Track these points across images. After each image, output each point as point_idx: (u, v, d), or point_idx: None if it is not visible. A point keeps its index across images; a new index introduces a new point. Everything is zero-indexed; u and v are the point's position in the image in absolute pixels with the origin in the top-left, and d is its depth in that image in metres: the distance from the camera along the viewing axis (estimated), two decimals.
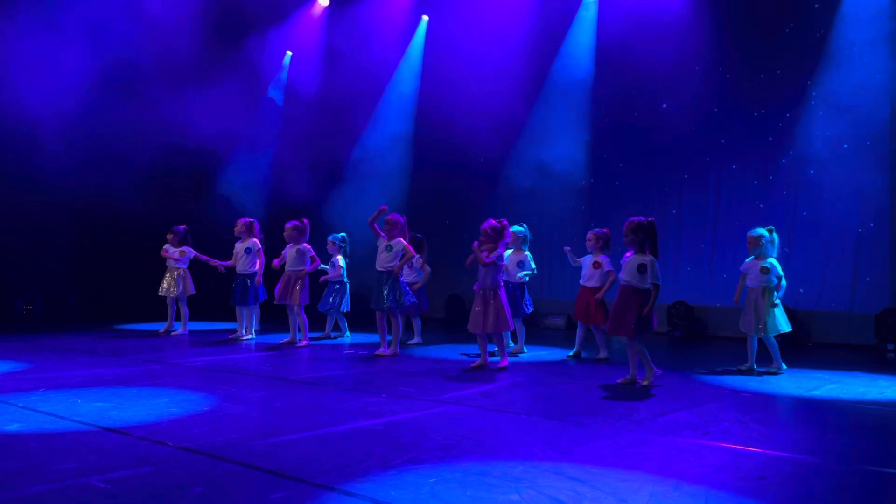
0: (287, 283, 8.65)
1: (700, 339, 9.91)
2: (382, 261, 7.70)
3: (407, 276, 8.64)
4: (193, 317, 10.42)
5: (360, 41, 12.55)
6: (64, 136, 11.69)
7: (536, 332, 10.48)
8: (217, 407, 5.03)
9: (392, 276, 7.64)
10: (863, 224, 9.10)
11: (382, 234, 7.74)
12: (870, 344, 8.75)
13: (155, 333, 9.81)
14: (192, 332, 9.87)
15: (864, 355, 8.18)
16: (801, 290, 9.47)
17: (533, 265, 8.08)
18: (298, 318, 8.64)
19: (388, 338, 7.87)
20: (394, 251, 7.65)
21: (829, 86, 9.29)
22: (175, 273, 9.69)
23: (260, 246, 9.13)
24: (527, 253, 8.09)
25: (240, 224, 9.20)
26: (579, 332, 7.89)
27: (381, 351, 7.81)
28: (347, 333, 9.67)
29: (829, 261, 9.30)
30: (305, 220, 8.79)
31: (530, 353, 8.10)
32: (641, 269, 5.88)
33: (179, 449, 3.89)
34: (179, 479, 3.39)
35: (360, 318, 10.66)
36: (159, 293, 9.76)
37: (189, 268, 9.83)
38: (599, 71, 11.24)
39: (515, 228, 7.98)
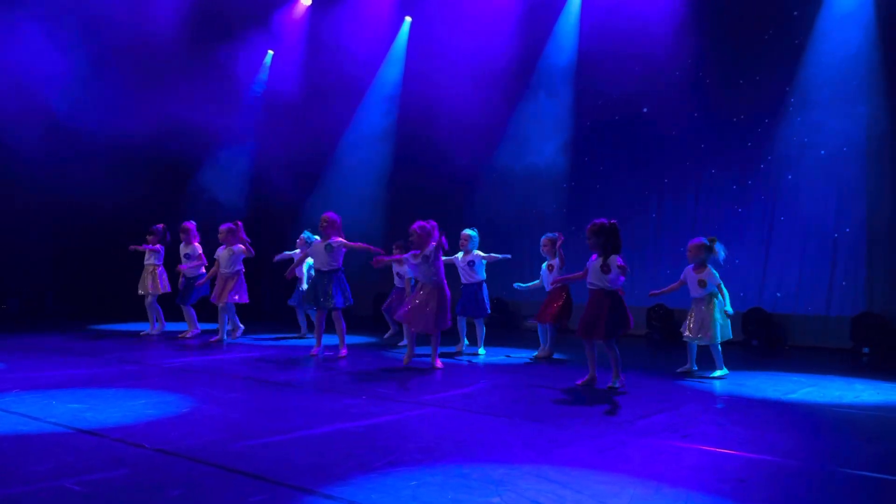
0: (222, 283, 8.96)
1: (679, 341, 9.94)
2: (323, 261, 7.67)
3: (399, 283, 9.17)
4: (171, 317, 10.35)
5: (342, 41, 12.51)
6: (40, 133, 11.53)
7: (516, 335, 10.50)
8: (195, 408, 4.98)
9: (335, 275, 7.65)
10: (839, 229, 9.20)
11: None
12: (846, 347, 8.85)
13: (138, 334, 9.78)
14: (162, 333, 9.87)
15: (841, 358, 8.27)
16: (779, 294, 9.57)
17: (480, 254, 8.22)
18: (228, 316, 9.03)
19: (325, 338, 7.98)
20: (334, 250, 7.65)
21: (807, 92, 9.40)
22: (153, 271, 9.75)
23: (200, 251, 9.48)
24: (477, 252, 8.21)
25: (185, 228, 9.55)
26: (541, 333, 8.07)
27: (314, 351, 7.80)
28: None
29: (806, 265, 9.41)
30: (239, 223, 9.01)
31: (513, 356, 8.11)
32: (605, 269, 5.89)
33: (156, 451, 3.83)
34: (156, 481, 3.34)
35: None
36: (145, 293, 9.76)
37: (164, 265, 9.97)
38: (580, 74, 11.29)
39: (468, 231, 8.18)
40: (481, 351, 8.23)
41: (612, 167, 11.01)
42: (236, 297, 8.95)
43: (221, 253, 9.04)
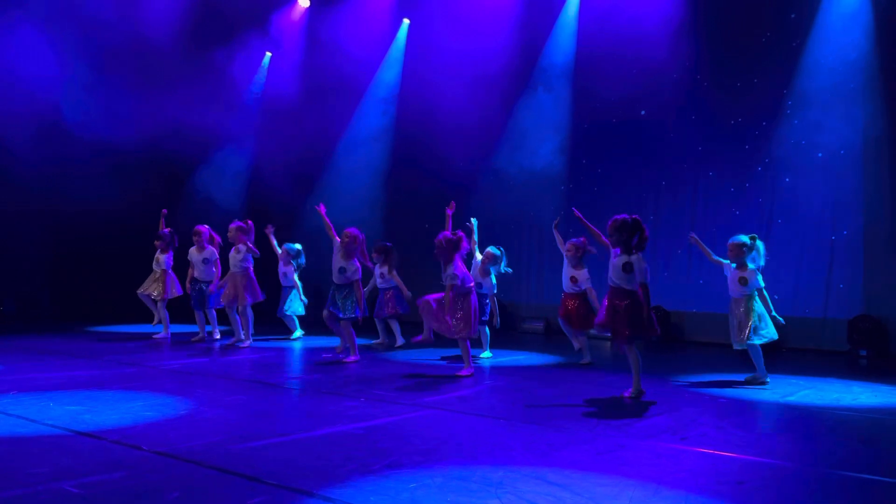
0: (233, 285, 8.73)
1: (676, 343, 9.97)
2: (337, 276, 7.54)
3: (381, 284, 9.06)
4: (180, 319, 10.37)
5: (340, 43, 12.51)
6: (37, 134, 11.52)
7: (515, 337, 10.50)
8: (194, 410, 4.97)
9: (352, 286, 7.50)
10: (836, 231, 9.22)
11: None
12: (843, 350, 8.87)
13: (143, 336, 9.74)
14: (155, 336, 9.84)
15: (838, 361, 8.29)
16: (776, 297, 9.53)
17: (494, 281, 8.11)
18: (242, 318, 8.74)
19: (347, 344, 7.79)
20: (347, 273, 7.49)
21: (804, 95, 9.41)
22: (161, 276, 9.65)
23: (217, 255, 9.24)
24: (492, 277, 8.08)
25: (198, 233, 9.29)
26: (572, 337, 7.95)
27: (351, 358, 7.66)
28: (297, 332, 9.75)
29: (803, 267, 9.42)
30: (250, 222, 8.83)
31: (509, 358, 8.11)
32: (627, 268, 5.66)
33: (155, 453, 3.83)
34: (155, 483, 3.34)
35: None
36: (155, 297, 9.71)
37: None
38: (578, 76, 11.29)
39: (494, 251, 8.03)
40: (487, 354, 8.20)
41: (609, 169, 11.01)
42: (249, 300, 8.70)
43: (231, 253, 8.82)
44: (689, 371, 7.20)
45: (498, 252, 8.06)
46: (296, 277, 9.55)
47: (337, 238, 7.59)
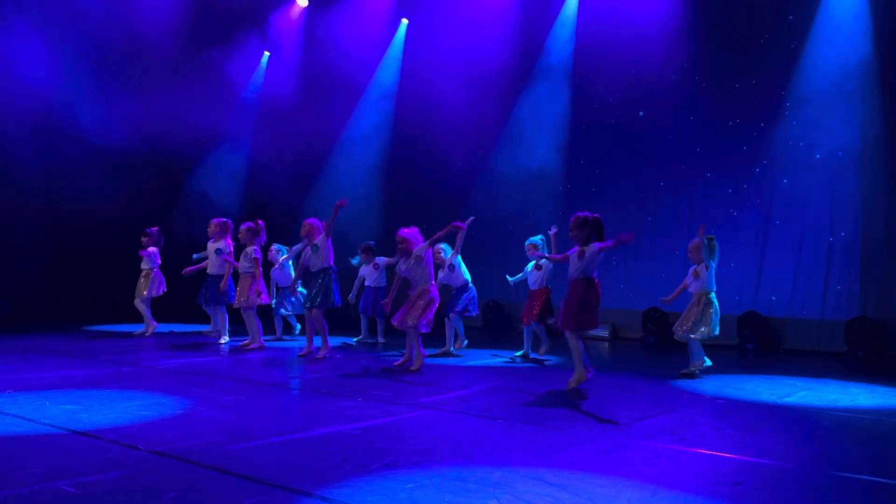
0: (242, 285, 8.59)
1: (674, 344, 9.95)
2: (314, 262, 7.73)
3: (371, 279, 9.40)
4: (167, 318, 10.34)
5: (338, 43, 12.50)
6: (33, 134, 11.48)
7: (511, 337, 10.49)
8: (190, 410, 4.96)
9: (329, 273, 7.69)
10: (834, 233, 9.23)
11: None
12: (840, 351, 8.87)
13: (130, 335, 9.72)
14: (155, 335, 9.82)
15: (835, 362, 8.29)
16: (774, 298, 9.58)
17: (459, 262, 8.35)
18: (249, 320, 8.60)
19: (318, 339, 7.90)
20: (321, 249, 7.69)
21: (802, 96, 9.42)
22: (146, 274, 9.69)
23: (231, 248, 9.06)
24: (451, 256, 8.29)
25: (213, 224, 9.11)
26: (527, 334, 8.19)
27: (320, 354, 7.72)
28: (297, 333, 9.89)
29: (801, 269, 9.43)
30: (260, 222, 8.70)
31: (506, 358, 8.10)
32: (581, 254, 5.84)
33: (151, 453, 3.82)
34: (151, 483, 3.32)
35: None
36: (139, 297, 9.69)
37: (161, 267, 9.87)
38: (577, 77, 11.29)
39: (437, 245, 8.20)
40: (452, 350, 8.27)
41: (608, 170, 11.01)
42: (256, 300, 8.49)
43: (241, 254, 8.70)
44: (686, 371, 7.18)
45: (443, 244, 8.23)
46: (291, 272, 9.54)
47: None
